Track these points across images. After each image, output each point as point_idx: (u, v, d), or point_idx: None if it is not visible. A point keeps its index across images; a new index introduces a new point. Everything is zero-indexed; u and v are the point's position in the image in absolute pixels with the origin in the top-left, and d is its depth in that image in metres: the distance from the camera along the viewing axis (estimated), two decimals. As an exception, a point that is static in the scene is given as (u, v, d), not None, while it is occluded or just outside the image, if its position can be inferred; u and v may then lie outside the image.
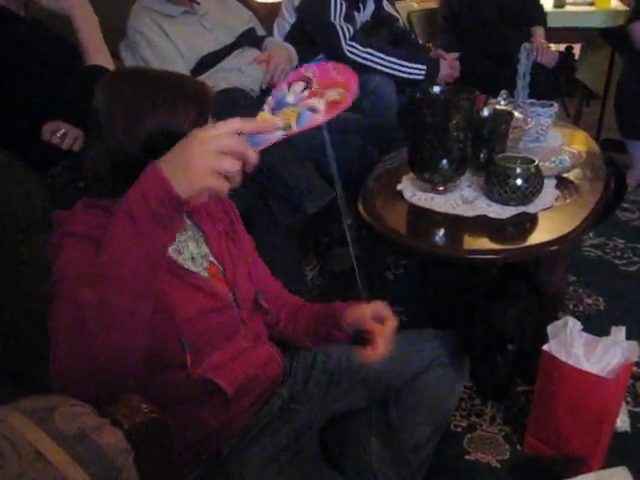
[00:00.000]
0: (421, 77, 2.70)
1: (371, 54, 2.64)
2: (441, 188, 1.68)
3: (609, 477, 1.32)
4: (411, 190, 1.72)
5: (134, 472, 0.59)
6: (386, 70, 2.66)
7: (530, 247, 1.48)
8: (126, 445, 0.59)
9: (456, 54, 2.87)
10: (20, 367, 1.01)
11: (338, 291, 2.33)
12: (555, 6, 3.84)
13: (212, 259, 1.17)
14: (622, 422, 1.63)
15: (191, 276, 1.09)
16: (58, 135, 1.69)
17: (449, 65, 2.80)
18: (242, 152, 0.78)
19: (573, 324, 1.45)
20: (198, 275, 1.11)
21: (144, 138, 0.98)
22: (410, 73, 2.68)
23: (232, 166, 0.78)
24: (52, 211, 1.36)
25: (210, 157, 0.77)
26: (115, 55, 2.24)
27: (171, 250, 1.11)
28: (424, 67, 2.69)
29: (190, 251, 1.14)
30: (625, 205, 2.97)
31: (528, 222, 1.56)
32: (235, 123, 0.79)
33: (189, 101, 1.01)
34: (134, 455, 0.60)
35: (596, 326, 1.54)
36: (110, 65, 1.73)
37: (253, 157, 0.79)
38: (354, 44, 2.63)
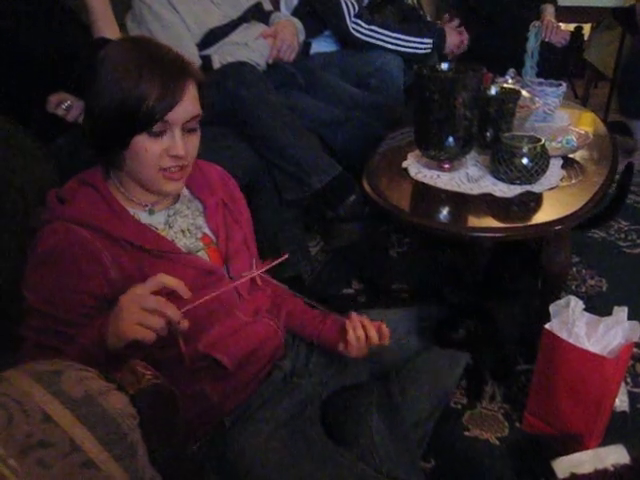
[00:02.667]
0: (429, 50, 2.67)
1: (375, 31, 2.62)
2: (446, 166, 1.68)
3: (606, 455, 1.33)
4: (416, 167, 1.72)
5: (139, 437, 0.60)
6: (392, 47, 2.64)
7: (534, 226, 1.48)
8: (132, 410, 0.61)
9: (456, 21, 2.85)
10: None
11: (340, 268, 2.34)
12: (566, -16, 3.79)
13: (206, 230, 1.19)
14: (621, 402, 1.64)
15: (182, 257, 1.10)
16: (63, 107, 1.69)
17: (455, 35, 2.77)
18: (161, 311, 0.86)
19: (575, 303, 1.45)
20: (190, 256, 1.12)
21: (104, 107, 1.01)
22: (417, 48, 2.66)
23: (154, 322, 0.86)
24: (56, 182, 1.38)
25: (134, 312, 0.85)
26: (122, 27, 2.23)
27: (162, 224, 1.12)
28: (430, 40, 2.66)
29: (179, 224, 1.15)
30: (630, 188, 2.96)
31: (533, 201, 1.56)
32: (160, 279, 0.89)
33: (156, 77, 0.99)
34: (139, 420, 0.61)
35: (598, 307, 1.54)
36: (117, 37, 1.72)
37: (174, 315, 0.87)
38: (359, 21, 2.60)
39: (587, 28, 4.13)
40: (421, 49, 2.67)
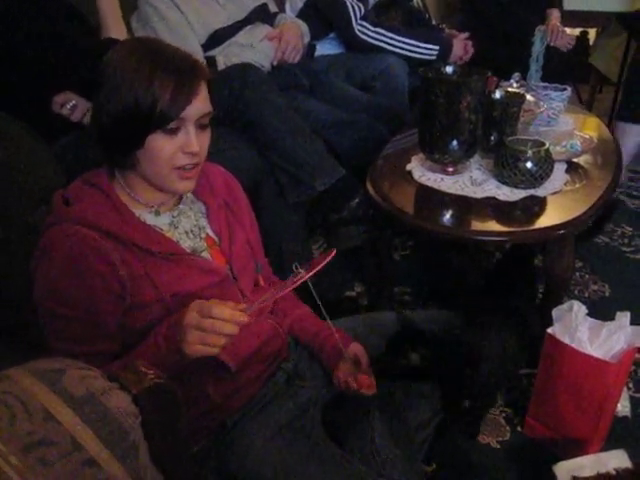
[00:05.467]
0: (433, 57, 2.68)
1: (382, 34, 2.62)
2: (450, 169, 1.68)
3: (607, 460, 1.33)
4: (420, 170, 1.72)
5: (141, 436, 0.60)
6: (398, 51, 2.64)
7: (538, 230, 1.48)
8: (134, 409, 0.61)
9: (466, 34, 2.84)
10: (29, 334, 1.04)
11: (343, 271, 2.34)
12: (572, -12, 3.78)
13: (209, 231, 1.19)
14: (622, 407, 1.64)
15: (187, 258, 1.10)
16: (68, 107, 1.69)
17: (462, 46, 2.77)
18: (220, 332, 0.90)
19: (578, 308, 1.45)
20: (195, 257, 1.12)
21: (117, 108, 1.00)
22: (422, 54, 2.66)
23: (214, 341, 0.91)
24: (61, 182, 1.38)
25: (195, 334, 0.90)
26: (126, 27, 2.23)
27: (167, 225, 1.13)
28: (437, 47, 2.66)
29: (183, 225, 1.15)
30: (634, 193, 2.96)
31: (537, 205, 1.56)
32: (214, 310, 0.91)
33: (168, 78, 0.99)
34: (141, 420, 0.61)
35: (601, 312, 1.54)
36: (125, 38, 1.72)
37: (232, 332, 0.91)
38: (365, 24, 2.60)
39: (592, 33, 4.12)
40: (426, 55, 2.67)
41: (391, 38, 2.62)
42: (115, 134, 1.03)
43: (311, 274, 0.93)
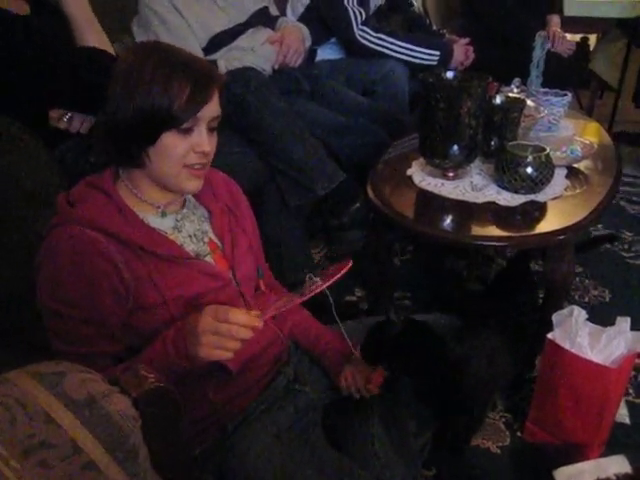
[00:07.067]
0: (434, 63, 2.68)
1: (383, 39, 2.62)
2: (451, 174, 1.68)
3: (607, 465, 1.33)
4: (421, 175, 1.72)
5: (141, 439, 0.60)
6: (399, 56, 2.64)
7: (538, 235, 1.48)
8: (134, 412, 0.61)
9: (467, 39, 2.85)
10: (30, 336, 1.04)
11: (343, 275, 2.34)
12: (573, -6, 3.78)
13: (212, 236, 1.19)
14: (620, 415, 1.63)
15: (191, 262, 1.11)
16: (65, 120, 1.68)
17: (463, 52, 2.78)
18: (236, 336, 0.91)
19: (578, 313, 1.45)
20: (198, 261, 1.12)
21: (133, 109, 1.01)
22: (423, 59, 2.67)
23: (230, 346, 0.92)
24: (62, 186, 1.38)
25: (211, 339, 0.92)
26: (128, 31, 2.24)
27: (171, 229, 1.13)
28: (437, 53, 2.67)
29: (187, 229, 1.15)
30: (634, 199, 2.96)
31: (537, 210, 1.56)
32: (230, 316, 0.91)
33: (186, 80, 1.01)
34: (141, 423, 0.61)
35: (601, 317, 1.54)
36: (105, 44, 1.68)
37: (247, 336, 0.92)
38: (366, 29, 2.61)
39: (593, 38, 4.13)
40: (427, 60, 2.67)
41: (392, 43, 2.63)
42: (128, 132, 1.04)
43: (328, 284, 0.95)
